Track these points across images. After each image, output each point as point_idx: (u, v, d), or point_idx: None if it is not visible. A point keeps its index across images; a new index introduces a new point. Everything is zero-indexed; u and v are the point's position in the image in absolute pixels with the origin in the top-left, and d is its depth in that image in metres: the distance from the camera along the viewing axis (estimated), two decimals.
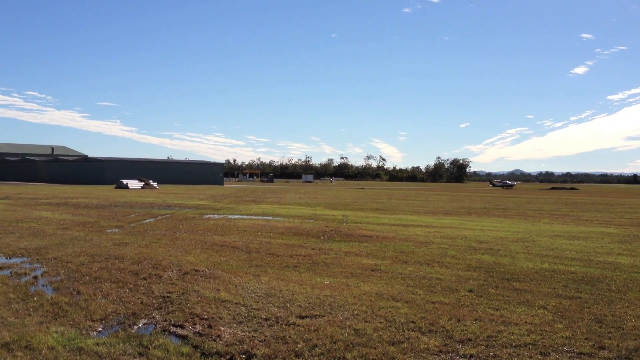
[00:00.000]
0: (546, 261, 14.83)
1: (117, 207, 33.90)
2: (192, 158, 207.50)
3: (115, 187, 74.83)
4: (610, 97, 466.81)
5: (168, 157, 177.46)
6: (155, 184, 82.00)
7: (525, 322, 8.75)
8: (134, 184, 77.70)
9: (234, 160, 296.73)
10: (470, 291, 10.90)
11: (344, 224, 24.89)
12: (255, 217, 28.07)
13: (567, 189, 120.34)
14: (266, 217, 28.17)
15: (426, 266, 13.73)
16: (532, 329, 8.35)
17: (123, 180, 77.74)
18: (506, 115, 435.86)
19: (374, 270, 13.07)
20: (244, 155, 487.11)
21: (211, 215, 28.58)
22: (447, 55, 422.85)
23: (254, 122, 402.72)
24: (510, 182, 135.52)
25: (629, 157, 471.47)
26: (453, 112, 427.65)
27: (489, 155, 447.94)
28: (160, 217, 26.83)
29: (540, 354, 7.30)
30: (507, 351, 7.38)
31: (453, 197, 62.80)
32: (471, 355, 7.21)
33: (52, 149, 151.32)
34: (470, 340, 7.81)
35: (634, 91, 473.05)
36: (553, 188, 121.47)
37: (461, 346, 7.56)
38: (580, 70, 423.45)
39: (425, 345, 7.53)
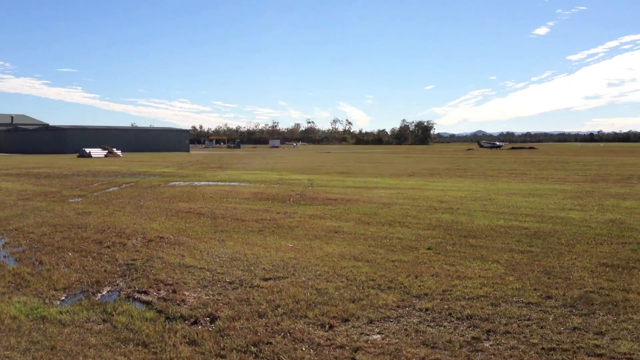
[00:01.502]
0: (502, 218, 15.32)
1: (79, 176, 33.50)
2: (157, 125, 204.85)
3: (78, 156, 73.56)
4: (569, 57, 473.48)
5: (132, 124, 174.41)
6: (119, 152, 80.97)
7: (479, 275, 9.13)
8: (96, 152, 76.59)
9: (200, 127, 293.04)
10: (428, 249, 11.26)
11: (310, 187, 25.10)
12: (222, 184, 28.10)
13: (526, 148, 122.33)
14: (232, 183, 28.23)
15: (388, 226, 14.06)
16: (485, 282, 8.73)
17: (85, 149, 76.54)
18: (470, 77, 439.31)
19: (337, 232, 13.34)
20: (210, 121, 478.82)
21: (177, 183, 28.50)
22: (412, 17, 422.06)
23: (221, 87, 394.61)
24: (498, 143, 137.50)
25: (587, 116, 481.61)
26: (419, 75, 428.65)
27: (453, 117, 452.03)
28: (124, 186, 26.66)
29: (492, 305, 7.67)
30: (460, 304, 7.73)
31: (417, 159, 63.49)
32: (427, 309, 7.53)
33: (12, 117, 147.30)
34: (426, 295, 8.14)
35: (592, 51, 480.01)
36: (513, 148, 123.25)
37: (418, 301, 7.89)
38: (541, 30, 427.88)
39: (384, 302, 7.83)
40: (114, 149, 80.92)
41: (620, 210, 16.72)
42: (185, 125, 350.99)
